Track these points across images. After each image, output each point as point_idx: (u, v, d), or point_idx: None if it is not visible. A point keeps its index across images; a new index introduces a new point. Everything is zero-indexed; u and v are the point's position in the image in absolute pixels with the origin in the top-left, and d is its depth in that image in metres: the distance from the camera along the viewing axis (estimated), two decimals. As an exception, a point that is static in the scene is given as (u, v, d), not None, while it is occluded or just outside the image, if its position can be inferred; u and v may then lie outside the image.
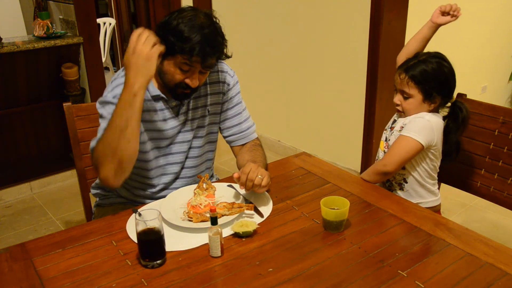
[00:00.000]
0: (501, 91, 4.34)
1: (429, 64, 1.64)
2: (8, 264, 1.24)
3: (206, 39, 1.43)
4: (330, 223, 1.35)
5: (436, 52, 1.70)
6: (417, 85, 1.63)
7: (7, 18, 4.25)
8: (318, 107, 3.39)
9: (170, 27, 1.44)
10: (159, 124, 1.59)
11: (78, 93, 3.26)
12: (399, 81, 1.67)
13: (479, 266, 1.21)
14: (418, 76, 1.63)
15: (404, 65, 1.68)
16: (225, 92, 1.72)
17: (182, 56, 1.44)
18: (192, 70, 1.48)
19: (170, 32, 1.43)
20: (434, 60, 1.65)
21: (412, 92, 1.64)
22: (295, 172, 1.76)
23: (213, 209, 1.27)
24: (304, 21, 3.29)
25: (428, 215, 1.46)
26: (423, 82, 1.63)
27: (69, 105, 1.82)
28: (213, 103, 1.70)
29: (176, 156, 1.66)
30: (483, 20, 3.76)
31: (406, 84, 1.65)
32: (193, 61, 1.45)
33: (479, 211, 2.87)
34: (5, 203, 3.11)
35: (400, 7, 2.87)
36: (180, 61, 1.46)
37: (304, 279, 1.17)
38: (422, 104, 1.66)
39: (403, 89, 1.66)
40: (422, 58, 1.66)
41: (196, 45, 1.41)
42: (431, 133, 1.63)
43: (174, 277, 1.18)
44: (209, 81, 1.68)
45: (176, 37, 1.42)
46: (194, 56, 1.43)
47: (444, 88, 1.66)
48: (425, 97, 1.64)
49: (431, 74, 1.63)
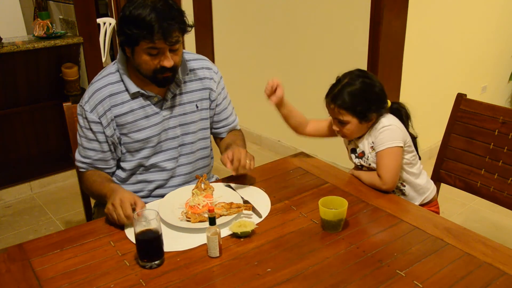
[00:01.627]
0: (501, 91, 4.33)
1: (353, 86, 1.59)
2: (6, 265, 1.24)
3: (160, 15, 1.41)
4: (329, 223, 1.35)
5: (357, 70, 1.65)
6: (348, 111, 1.60)
7: (7, 18, 4.26)
8: (317, 108, 3.39)
9: (125, 18, 1.45)
10: (143, 122, 1.61)
11: (78, 93, 3.26)
12: (330, 110, 1.65)
13: (477, 266, 1.21)
14: (347, 103, 1.58)
15: (330, 93, 1.63)
16: (212, 88, 1.74)
17: (145, 41, 1.43)
18: (161, 51, 1.47)
19: (126, 23, 1.44)
20: (358, 81, 1.60)
21: (347, 118, 1.61)
22: (293, 172, 1.76)
23: (211, 209, 1.28)
24: (304, 21, 3.29)
25: (426, 215, 1.46)
26: (353, 106, 1.59)
27: (69, 105, 1.82)
28: (201, 99, 1.72)
29: (168, 153, 1.68)
30: (483, 20, 3.75)
31: (338, 112, 1.61)
32: (157, 42, 1.43)
33: (479, 211, 2.87)
34: (5, 203, 3.12)
35: (400, 7, 2.87)
36: (146, 47, 1.45)
37: (303, 279, 1.17)
38: (360, 126, 1.63)
39: (337, 117, 1.63)
40: (345, 81, 1.61)
41: (154, 24, 1.40)
42: (400, 132, 1.62)
43: (172, 278, 1.18)
44: (195, 78, 1.70)
45: (132, 25, 1.43)
46: (155, 36, 1.41)
47: (376, 105, 1.61)
48: (361, 119, 1.61)
49: (358, 96, 1.59)
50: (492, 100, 2.63)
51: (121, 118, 1.58)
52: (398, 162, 1.61)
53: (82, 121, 1.60)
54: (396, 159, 1.61)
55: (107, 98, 1.57)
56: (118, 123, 1.59)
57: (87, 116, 1.57)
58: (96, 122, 1.57)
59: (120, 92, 1.58)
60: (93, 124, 1.57)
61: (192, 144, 1.72)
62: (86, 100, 1.58)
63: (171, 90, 1.63)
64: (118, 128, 1.60)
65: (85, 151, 1.62)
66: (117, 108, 1.57)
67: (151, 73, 1.51)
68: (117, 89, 1.58)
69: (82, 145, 1.62)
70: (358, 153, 1.71)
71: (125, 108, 1.58)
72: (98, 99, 1.56)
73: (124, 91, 1.58)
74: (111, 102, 1.57)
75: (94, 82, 1.60)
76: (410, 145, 1.70)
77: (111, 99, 1.57)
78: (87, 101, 1.57)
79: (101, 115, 1.56)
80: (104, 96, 1.56)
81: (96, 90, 1.57)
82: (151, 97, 1.60)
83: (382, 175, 1.59)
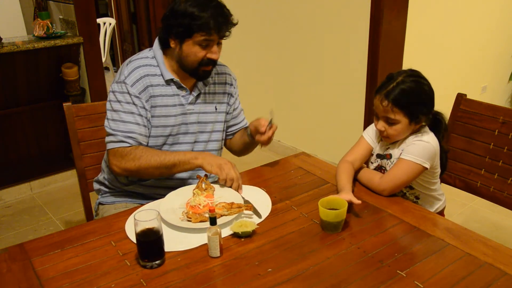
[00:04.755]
0: (501, 91, 4.34)
1: (408, 84, 1.54)
2: (7, 265, 1.24)
3: (216, 11, 1.54)
4: (329, 224, 1.35)
5: (410, 69, 1.60)
6: (402, 110, 1.54)
7: (7, 18, 4.25)
8: (318, 107, 3.39)
9: (180, 12, 1.55)
10: (170, 109, 1.66)
11: (78, 93, 3.26)
12: (381, 108, 1.56)
13: (478, 266, 1.21)
14: (402, 100, 1.53)
15: (383, 89, 1.57)
16: (232, 94, 1.83)
17: (200, 33, 1.54)
18: (210, 44, 1.58)
19: (181, 16, 1.54)
20: (412, 80, 1.55)
21: (398, 117, 1.55)
22: (294, 172, 1.76)
23: (212, 209, 1.27)
24: (304, 21, 3.29)
25: (427, 215, 1.46)
26: (408, 105, 1.54)
27: (69, 105, 1.82)
28: (220, 102, 1.79)
29: (183, 146, 1.72)
30: (483, 20, 3.76)
31: (391, 110, 1.54)
32: (212, 34, 1.55)
33: (479, 211, 2.87)
34: (5, 203, 3.12)
35: (400, 7, 2.87)
36: (199, 39, 1.56)
37: (303, 279, 1.17)
38: (408, 127, 1.58)
39: (388, 116, 1.56)
40: (400, 79, 1.55)
41: (210, 19, 1.53)
42: (433, 155, 1.58)
43: (173, 278, 1.18)
44: (218, 81, 1.78)
45: (189, 18, 1.53)
46: (212, 29, 1.54)
47: (427, 107, 1.58)
48: (411, 120, 1.55)
49: (413, 96, 1.54)
50: (492, 100, 2.63)
51: (155, 99, 1.63)
52: (409, 178, 1.57)
53: (123, 96, 1.60)
54: (409, 175, 1.56)
55: (146, 77, 1.62)
56: (153, 103, 1.63)
57: (129, 90, 1.59)
58: (138, 97, 1.60)
59: (157, 75, 1.64)
60: (136, 99, 1.60)
61: (205, 143, 1.77)
62: (126, 75, 1.61)
63: (198, 87, 1.71)
64: (152, 109, 1.64)
65: (126, 125, 1.59)
66: (153, 88, 1.63)
67: (196, 64, 1.60)
68: (154, 72, 1.64)
69: (123, 119, 1.59)
70: (386, 154, 1.67)
71: (159, 91, 1.64)
72: (138, 76, 1.61)
73: (159, 75, 1.64)
74: (149, 81, 1.62)
75: (133, 61, 1.65)
76: (437, 167, 1.65)
77: (149, 79, 1.62)
78: (127, 76, 1.61)
79: (141, 90, 1.61)
80: (143, 73, 1.62)
81: (135, 68, 1.62)
82: (182, 88, 1.67)
83: (386, 179, 1.56)
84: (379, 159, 1.69)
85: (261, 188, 1.61)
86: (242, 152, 1.90)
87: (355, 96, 3.07)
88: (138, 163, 1.57)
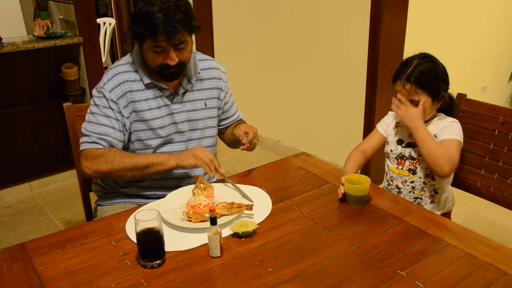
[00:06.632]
0: (501, 91, 4.34)
1: (425, 65, 1.63)
2: (7, 264, 1.24)
3: (166, 17, 1.45)
4: (356, 198, 1.49)
5: (421, 53, 1.68)
6: (425, 90, 1.61)
7: (7, 18, 4.25)
8: (318, 107, 3.39)
9: (134, 15, 1.52)
10: (155, 112, 1.66)
11: (78, 93, 3.26)
12: (405, 92, 1.63)
13: (478, 266, 1.21)
14: (423, 80, 1.61)
15: (402, 74, 1.63)
16: (222, 88, 1.81)
17: (149, 40, 1.49)
18: (165, 49, 1.52)
19: (135, 20, 1.50)
20: (427, 60, 1.64)
21: (422, 97, 1.62)
22: (295, 172, 1.76)
23: (213, 209, 1.27)
24: (304, 21, 3.29)
25: (427, 215, 1.46)
26: (429, 84, 1.62)
27: (69, 105, 1.83)
28: (210, 98, 1.78)
29: (177, 146, 1.72)
30: (483, 20, 3.75)
31: (415, 92, 1.61)
32: (160, 42, 1.49)
33: (479, 211, 2.87)
34: (5, 203, 3.11)
35: (400, 7, 2.87)
36: (150, 45, 1.52)
37: (304, 279, 1.17)
38: (432, 106, 1.66)
39: (413, 99, 1.63)
40: (416, 62, 1.63)
41: (158, 25, 1.45)
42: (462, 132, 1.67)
43: (173, 277, 1.18)
44: (205, 77, 1.76)
45: (140, 23, 1.48)
46: (159, 37, 1.47)
47: (444, 83, 1.66)
48: (434, 98, 1.64)
49: (431, 74, 1.63)
50: (492, 100, 2.63)
51: (136, 104, 1.63)
52: (459, 157, 1.63)
53: (100, 101, 1.62)
54: (459, 153, 1.62)
55: (125, 83, 1.62)
56: (133, 108, 1.64)
57: (106, 95, 1.60)
58: (115, 102, 1.61)
59: (136, 80, 1.64)
60: (112, 103, 1.61)
61: (199, 140, 1.77)
62: (105, 82, 1.63)
63: (182, 85, 1.69)
64: (133, 114, 1.64)
65: (101, 127, 1.60)
66: (133, 93, 1.63)
67: (157, 68, 1.58)
68: (133, 78, 1.64)
69: (99, 122, 1.61)
70: (413, 141, 1.70)
71: (141, 95, 1.64)
72: (116, 82, 1.62)
73: (139, 80, 1.64)
74: (128, 87, 1.62)
75: (113, 68, 1.66)
76: None
77: (129, 85, 1.63)
78: (106, 82, 1.62)
79: (119, 96, 1.61)
80: (122, 80, 1.62)
81: (115, 74, 1.63)
82: (164, 89, 1.67)
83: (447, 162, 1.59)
84: (405, 147, 1.73)
85: (261, 188, 1.61)
86: (233, 146, 1.91)
87: (355, 96, 3.07)
88: (111, 165, 1.58)
